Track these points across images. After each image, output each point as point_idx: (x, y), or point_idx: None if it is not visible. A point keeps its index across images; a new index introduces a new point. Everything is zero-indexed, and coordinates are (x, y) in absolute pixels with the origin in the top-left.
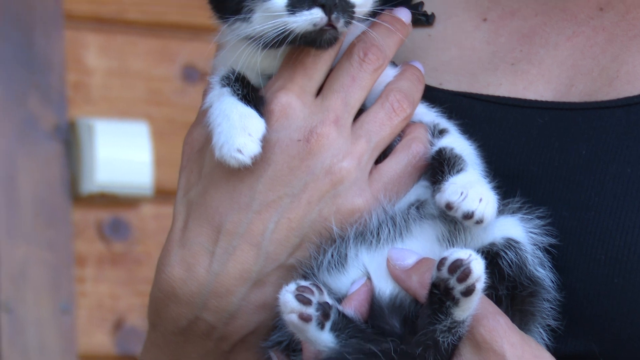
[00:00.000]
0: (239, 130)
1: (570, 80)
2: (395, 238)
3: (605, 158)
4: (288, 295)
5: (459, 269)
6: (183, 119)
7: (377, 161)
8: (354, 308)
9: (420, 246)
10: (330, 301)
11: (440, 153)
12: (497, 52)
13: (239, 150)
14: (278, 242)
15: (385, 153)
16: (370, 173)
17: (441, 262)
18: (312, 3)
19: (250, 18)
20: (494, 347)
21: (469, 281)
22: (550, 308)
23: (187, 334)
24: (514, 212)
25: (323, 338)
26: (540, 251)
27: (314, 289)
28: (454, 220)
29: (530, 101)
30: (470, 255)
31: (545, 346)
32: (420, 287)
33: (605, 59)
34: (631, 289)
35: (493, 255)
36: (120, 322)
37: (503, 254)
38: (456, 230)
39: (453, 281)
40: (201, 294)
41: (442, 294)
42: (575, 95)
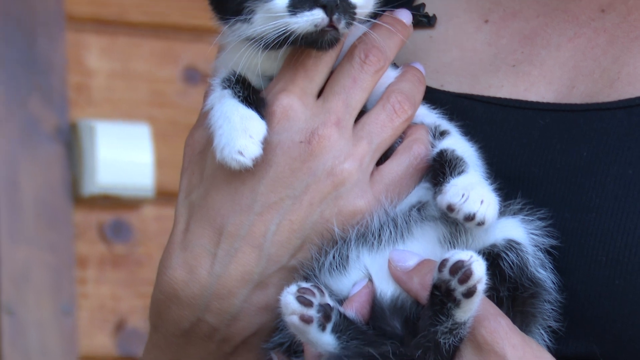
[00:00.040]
0: (240, 132)
1: (571, 81)
2: (397, 239)
3: (607, 159)
4: (289, 297)
5: (460, 271)
6: (185, 121)
7: (379, 163)
8: (355, 310)
9: (421, 248)
10: (331, 303)
11: (442, 155)
12: (499, 54)
13: (240, 152)
14: (280, 244)
15: (386, 155)
16: (372, 175)
17: (442, 264)
18: (314, 4)
19: (251, 19)
20: (495, 349)
21: (470, 283)
22: (551, 309)
23: (189, 335)
24: (515, 214)
25: (324, 340)
26: (542, 252)
27: (315, 291)
28: (455, 222)
29: (531, 103)
30: (471, 257)
31: (546, 347)
32: (421, 289)
33: (607, 60)
34: (632, 291)
35: (494, 256)
36: (122, 324)
37: (504, 256)
38: (457, 231)
39: (454, 283)
40: (203, 296)
41: (444, 296)
42: (576, 97)
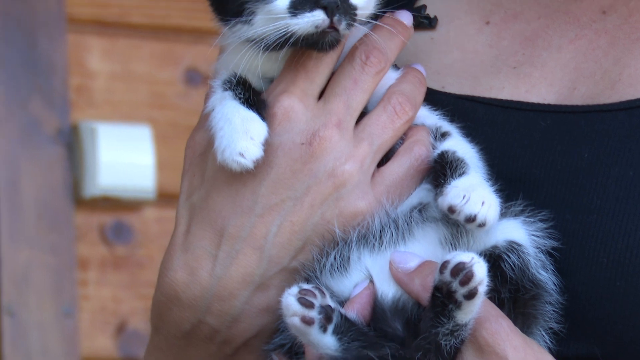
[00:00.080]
0: (241, 134)
1: (572, 83)
2: (398, 241)
3: (608, 161)
4: (290, 299)
5: (462, 273)
6: (186, 123)
7: (380, 164)
8: (356, 311)
9: (422, 249)
10: (332, 304)
11: (443, 156)
12: (500, 55)
13: (241, 154)
14: (281, 246)
15: (387, 156)
16: (373, 176)
17: (444, 265)
18: (314, 5)
19: (252, 20)
20: (496, 350)
21: (472, 284)
22: (553, 311)
23: (190, 337)
24: (517, 215)
25: (325, 341)
26: (543, 254)
27: (317, 292)
28: (456, 223)
29: (532, 104)
30: (472, 259)
31: (548, 349)
32: (422, 290)
33: (608, 62)
34: (633, 292)
35: (495, 258)
36: (123, 326)
37: (505, 257)
38: (458, 233)
39: (455, 284)
40: (204, 298)
41: (445, 297)
42: (577, 98)
